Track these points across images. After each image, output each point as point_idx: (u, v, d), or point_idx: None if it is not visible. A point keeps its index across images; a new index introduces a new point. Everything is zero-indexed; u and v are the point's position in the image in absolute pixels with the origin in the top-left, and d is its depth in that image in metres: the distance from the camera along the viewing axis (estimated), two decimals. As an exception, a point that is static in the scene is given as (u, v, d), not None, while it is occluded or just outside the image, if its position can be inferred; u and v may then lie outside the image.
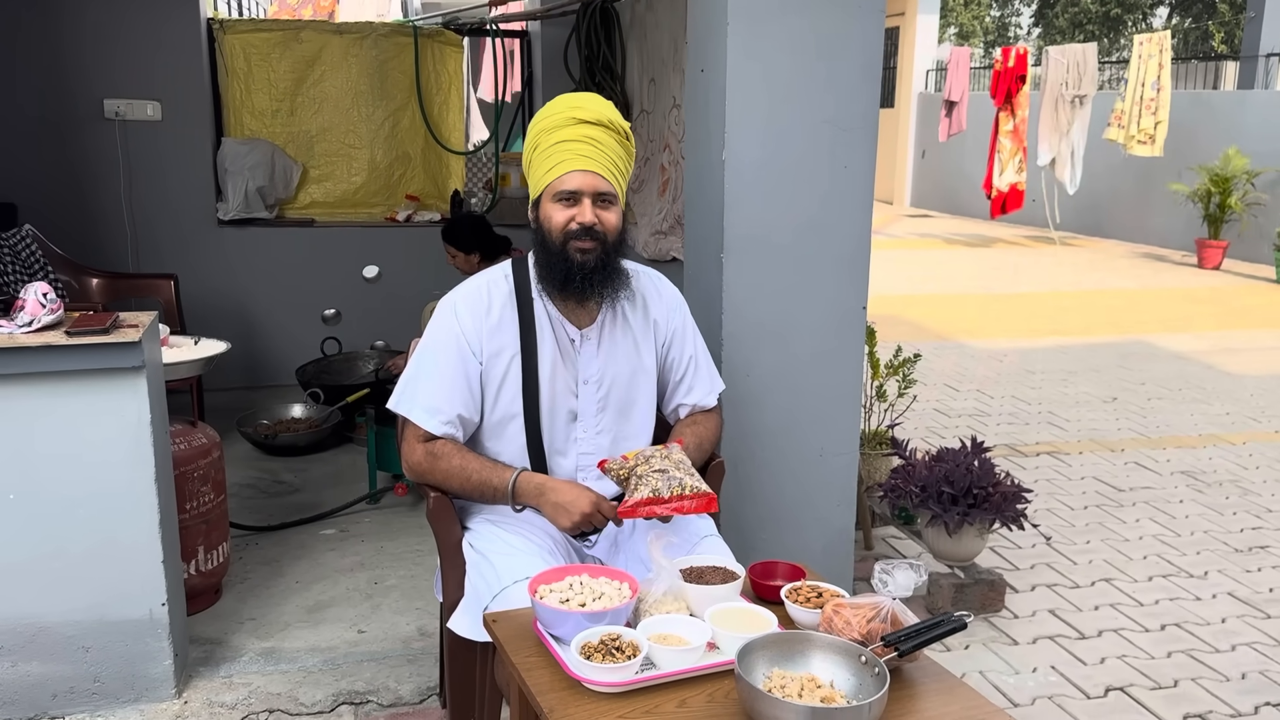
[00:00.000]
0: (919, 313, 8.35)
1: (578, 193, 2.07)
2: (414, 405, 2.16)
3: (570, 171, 2.06)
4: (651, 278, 2.31)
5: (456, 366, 2.14)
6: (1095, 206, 12.75)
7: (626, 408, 2.24)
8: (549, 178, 2.09)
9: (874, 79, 2.80)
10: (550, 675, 1.65)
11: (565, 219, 2.08)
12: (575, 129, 2.07)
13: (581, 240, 2.07)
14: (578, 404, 2.20)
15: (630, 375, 2.24)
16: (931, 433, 5.21)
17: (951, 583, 3.25)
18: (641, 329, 2.25)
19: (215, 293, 5.36)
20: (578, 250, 2.08)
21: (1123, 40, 21.55)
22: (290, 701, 2.70)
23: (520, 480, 2.10)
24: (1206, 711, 2.80)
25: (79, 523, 2.53)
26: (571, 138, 2.06)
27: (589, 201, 2.08)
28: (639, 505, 1.94)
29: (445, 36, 5.86)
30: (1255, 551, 3.87)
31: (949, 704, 1.61)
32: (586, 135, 2.06)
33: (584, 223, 2.07)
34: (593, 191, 2.08)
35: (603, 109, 2.09)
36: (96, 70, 5.12)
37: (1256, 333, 7.82)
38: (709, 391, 2.35)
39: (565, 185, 2.07)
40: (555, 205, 2.09)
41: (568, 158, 2.06)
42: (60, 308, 2.51)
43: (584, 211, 2.07)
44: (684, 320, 2.33)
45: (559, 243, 2.08)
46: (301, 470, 4.45)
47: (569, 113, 2.07)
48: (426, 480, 2.18)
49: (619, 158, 2.11)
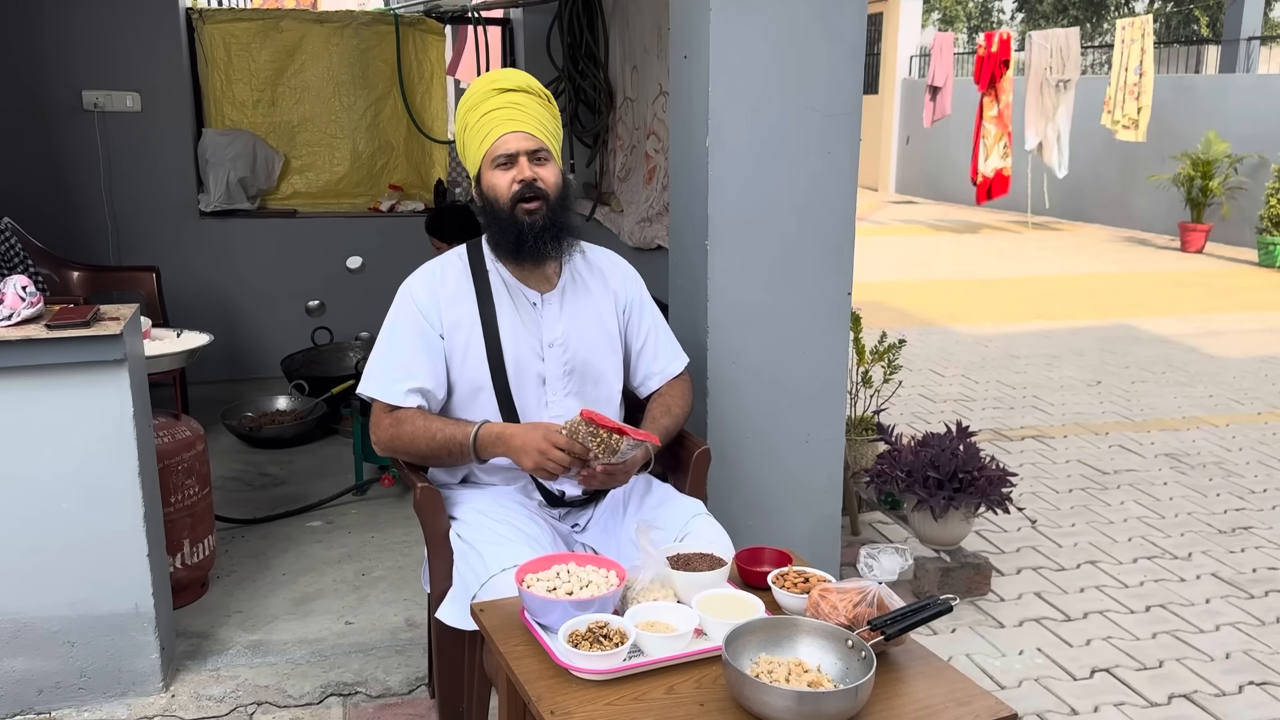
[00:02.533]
0: (904, 299, 8.37)
1: (514, 154, 2.15)
2: (376, 383, 2.21)
3: (501, 135, 2.15)
4: (605, 254, 2.39)
5: (415, 340, 2.19)
6: (1079, 191, 12.79)
7: (594, 373, 2.28)
8: (483, 148, 2.17)
9: (857, 64, 2.79)
10: (538, 663, 1.65)
11: (507, 181, 2.15)
12: (498, 98, 2.16)
13: (527, 201, 2.15)
14: (544, 367, 2.24)
15: (595, 339, 2.28)
16: (917, 418, 5.23)
17: (938, 567, 3.27)
18: (601, 294, 2.32)
19: (198, 285, 5.32)
20: (525, 212, 2.15)
21: (1106, 24, 21.59)
22: (278, 694, 2.70)
23: (481, 432, 2.14)
24: (1191, 691, 2.82)
25: (62, 517, 2.51)
26: (496, 106, 2.15)
27: (525, 160, 2.16)
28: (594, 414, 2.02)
29: (427, 25, 5.82)
30: (1238, 532, 3.90)
31: (935, 687, 1.62)
32: (510, 101, 2.16)
33: (524, 179, 2.14)
34: (527, 150, 2.15)
35: (519, 77, 2.20)
36: (75, 61, 5.06)
37: (1239, 315, 7.87)
38: (672, 359, 2.41)
39: (500, 149, 2.15)
40: (495, 172, 2.17)
41: (496, 124, 2.15)
42: (40, 301, 2.49)
43: (522, 169, 2.15)
44: (641, 292, 2.40)
45: (507, 208, 2.16)
46: (287, 462, 4.43)
47: (488, 85, 2.18)
48: (395, 450, 2.22)
49: (544, 119, 2.19)
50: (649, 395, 2.41)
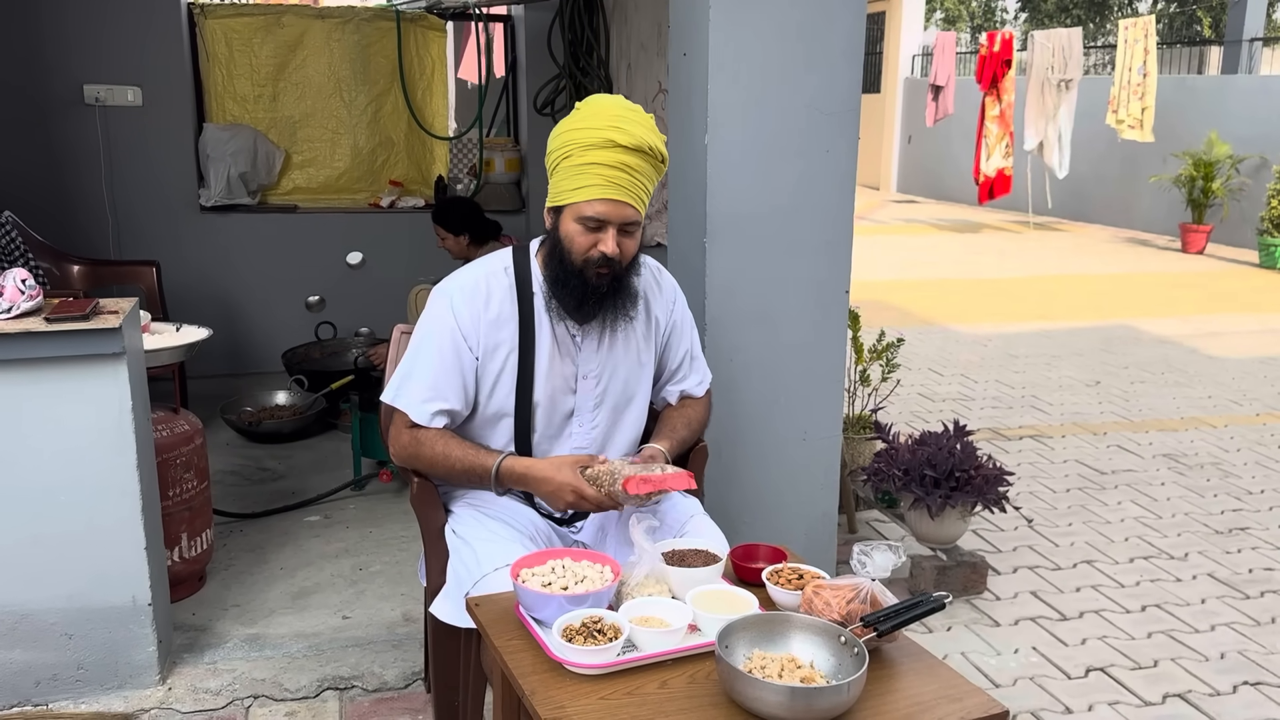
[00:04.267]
0: (904, 298, 8.37)
1: (604, 221, 2.00)
2: (405, 397, 2.12)
3: (600, 198, 1.99)
4: (651, 269, 2.27)
5: (451, 360, 2.10)
6: (1080, 191, 12.79)
7: (623, 404, 2.23)
8: (576, 197, 2.01)
9: (856, 62, 2.80)
10: (532, 658, 1.66)
11: (587, 244, 2.02)
12: (612, 153, 1.97)
13: (601, 268, 2.03)
14: (575, 399, 2.18)
15: (629, 371, 2.22)
16: (915, 417, 5.23)
17: (934, 565, 3.28)
18: (643, 327, 2.23)
19: (198, 279, 5.33)
20: (595, 275, 2.04)
21: (1109, 25, 21.57)
22: (275, 687, 2.71)
23: (504, 467, 2.07)
24: (1186, 691, 2.83)
25: (60, 510, 2.52)
26: (607, 162, 1.97)
27: (614, 231, 2.01)
28: (635, 481, 1.95)
29: (428, 21, 5.82)
30: (1235, 533, 3.90)
31: (928, 683, 1.63)
32: (623, 162, 1.97)
33: (606, 253, 2.01)
34: (620, 221, 2.01)
35: (643, 134, 1.99)
36: (76, 55, 5.07)
37: (1239, 316, 7.87)
38: (699, 384, 2.36)
39: (592, 211, 2.00)
40: (577, 226, 2.02)
41: (599, 184, 1.98)
42: (39, 294, 2.50)
43: (608, 241, 2.01)
44: (682, 314, 2.32)
45: (577, 265, 2.04)
46: (286, 457, 4.44)
47: (608, 133, 1.97)
48: (411, 465, 2.17)
49: (650, 180, 2.03)
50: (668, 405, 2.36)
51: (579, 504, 2.00)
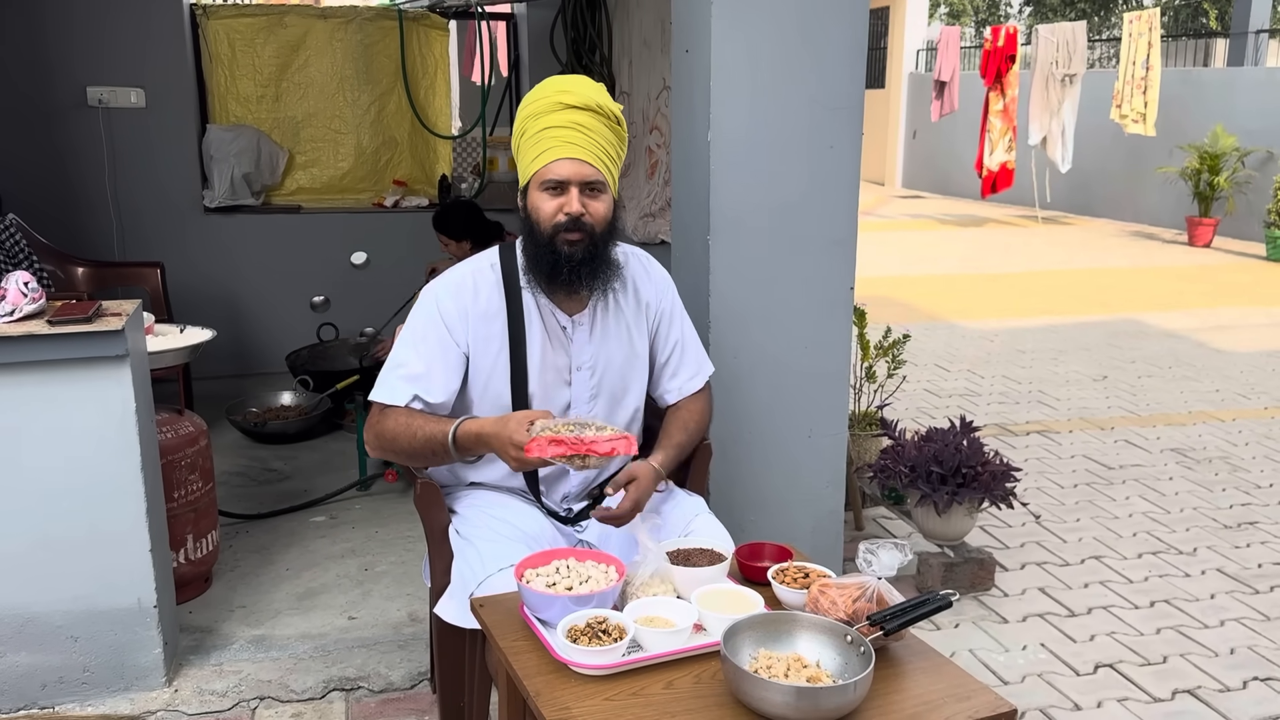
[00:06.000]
0: (910, 293, 8.35)
1: (565, 182, 2.02)
2: (383, 387, 2.11)
3: (557, 160, 2.01)
4: (640, 259, 2.28)
5: (435, 352, 2.09)
6: (1086, 185, 12.75)
7: (619, 394, 2.23)
8: (535, 165, 2.03)
9: (859, 58, 2.78)
10: (537, 659, 1.65)
11: (553, 209, 2.03)
12: (562, 114, 2.00)
13: (570, 232, 2.02)
14: (570, 392, 2.17)
15: (624, 361, 2.21)
16: (922, 413, 5.22)
17: (941, 562, 3.26)
18: (634, 314, 2.23)
19: (202, 280, 5.33)
20: (565, 242, 2.03)
21: (1113, 18, 21.49)
22: (281, 688, 2.70)
23: (460, 431, 2.00)
24: (1195, 687, 2.81)
25: (65, 512, 2.51)
26: (559, 124, 2.00)
27: (576, 190, 2.02)
28: (541, 443, 1.82)
29: (431, 20, 5.82)
30: (1244, 528, 3.88)
31: (935, 682, 1.62)
32: (574, 121, 2.00)
33: (571, 213, 2.01)
34: (580, 180, 2.02)
35: (591, 92, 2.02)
36: (79, 57, 5.07)
37: (1246, 310, 7.83)
38: (694, 374, 2.33)
39: (552, 174, 2.02)
40: (542, 194, 2.04)
41: (554, 145, 2.00)
42: (42, 296, 2.50)
43: (571, 201, 2.02)
44: (673, 302, 2.31)
45: (547, 234, 2.04)
46: (291, 458, 4.44)
47: (556, 97, 2.01)
48: (381, 449, 2.12)
49: (609, 144, 2.05)
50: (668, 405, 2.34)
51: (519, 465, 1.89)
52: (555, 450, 1.80)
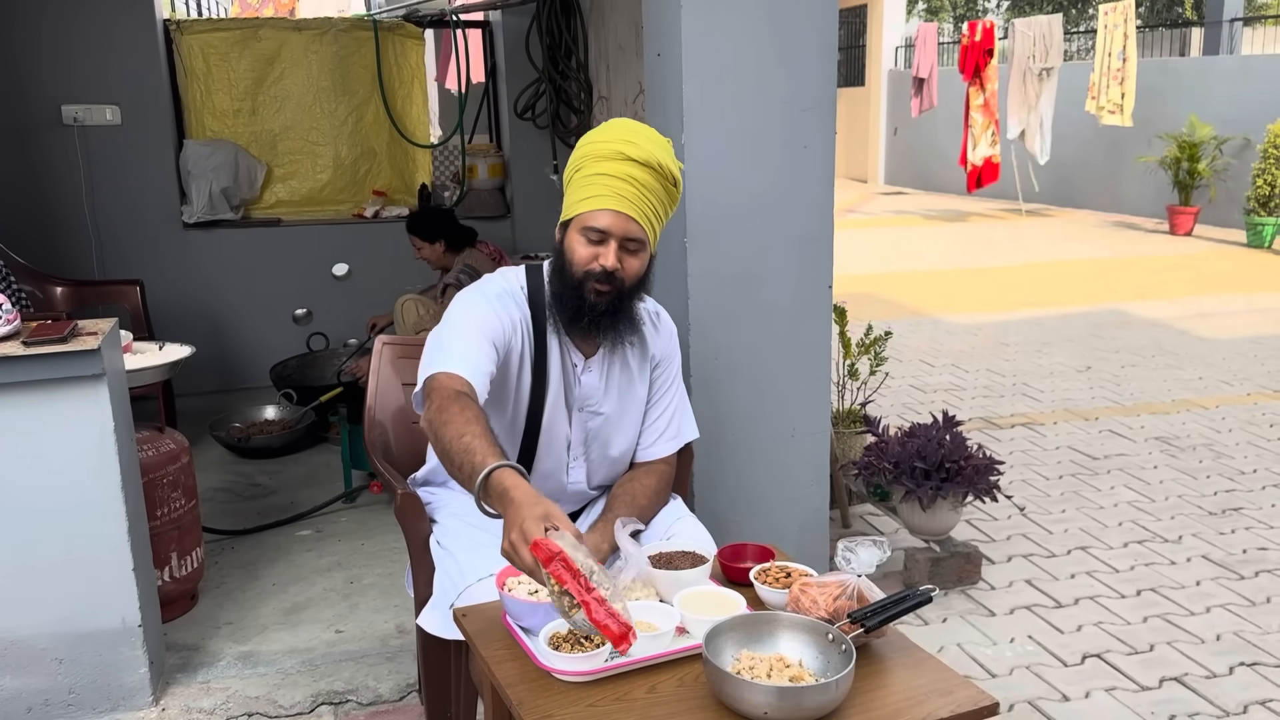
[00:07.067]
0: (894, 290, 8.37)
1: (606, 233, 1.97)
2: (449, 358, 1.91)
3: (604, 209, 1.96)
4: (650, 311, 2.22)
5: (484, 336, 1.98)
6: (1066, 177, 12.80)
7: (610, 440, 2.19)
8: (581, 207, 1.98)
9: (830, 57, 2.79)
10: (520, 667, 1.64)
11: (588, 256, 1.98)
12: (620, 164, 1.95)
13: (600, 283, 1.98)
14: (570, 431, 2.15)
15: (622, 412, 2.18)
16: (908, 409, 5.23)
17: (927, 557, 3.27)
18: (639, 365, 2.19)
19: (183, 297, 5.31)
20: (593, 290, 1.99)
21: (1090, 10, 21.60)
22: (269, 704, 2.69)
23: (496, 475, 1.68)
24: (1183, 674, 2.82)
25: (46, 534, 2.50)
26: (614, 173, 1.95)
27: (615, 244, 1.97)
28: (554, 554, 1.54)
29: (406, 29, 5.81)
30: (1228, 514, 3.90)
31: (917, 678, 1.62)
32: (630, 174, 1.94)
33: (606, 266, 1.97)
34: (622, 235, 1.97)
35: (654, 149, 1.96)
36: (52, 76, 5.05)
37: (1228, 297, 7.88)
38: (673, 437, 2.25)
39: (596, 222, 1.97)
40: (581, 238, 1.99)
41: (604, 194, 1.95)
42: (17, 318, 2.48)
43: (608, 254, 1.97)
44: (675, 360, 2.26)
45: (577, 278, 1.99)
46: (276, 472, 4.42)
47: (619, 145, 1.95)
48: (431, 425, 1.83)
49: (659, 201, 1.99)
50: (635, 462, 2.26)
51: (513, 556, 1.60)
52: (556, 571, 1.52)
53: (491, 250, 4.62)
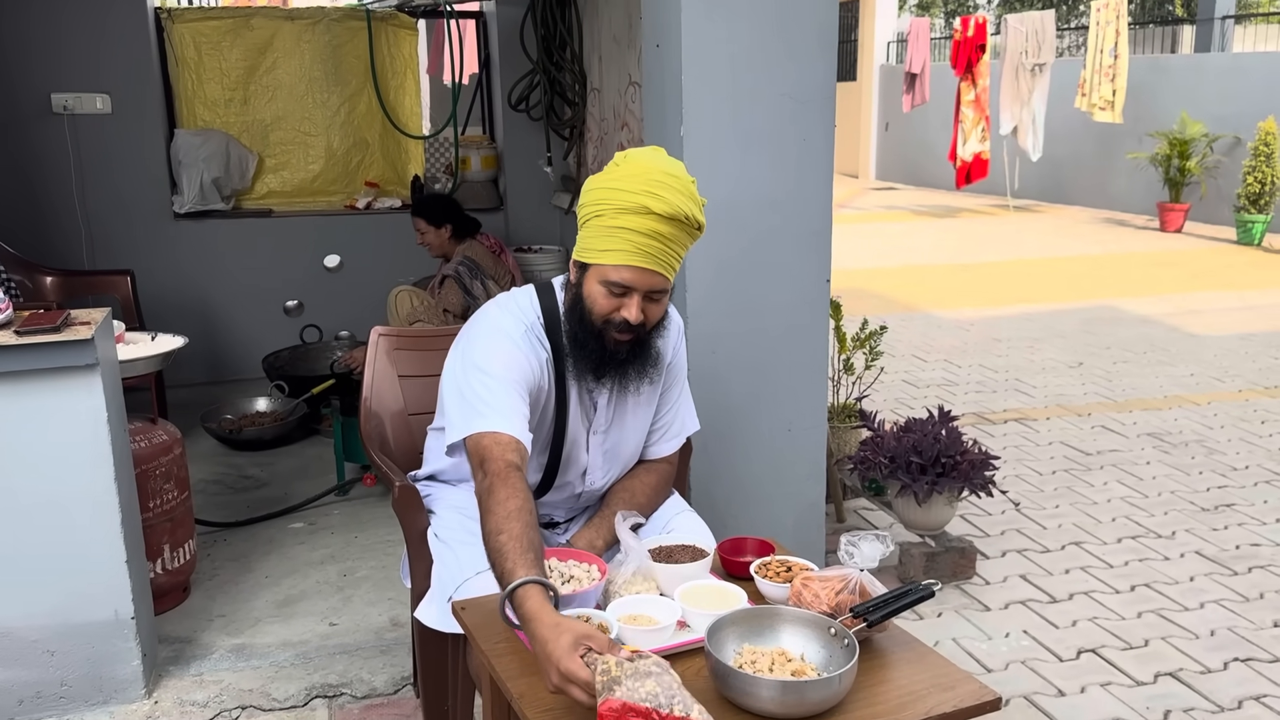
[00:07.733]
0: (886, 285, 8.37)
1: (630, 288, 1.88)
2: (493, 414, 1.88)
3: (628, 264, 1.86)
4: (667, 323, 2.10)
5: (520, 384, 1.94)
6: (1057, 173, 12.83)
7: (623, 449, 2.17)
8: (603, 259, 1.88)
9: (830, 50, 2.78)
10: (519, 661, 1.63)
11: (609, 307, 1.91)
12: (645, 220, 1.83)
13: (622, 333, 1.92)
14: (587, 457, 2.13)
15: (637, 431, 2.16)
16: (900, 404, 5.23)
17: (922, 552, 3.27)
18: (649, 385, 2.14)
19: (174, 287, 5.27)
20: (614, 340, 1.93)
21: (1081, 6, 21.63)
22: (262, 697, 2.68)
23: (520, 592, 1.58)
24: (1177, 669, 2.83)
25: (38, 525, 2.48)
26: (638, 229, 1.83)
27: (639, 299, 1.89)
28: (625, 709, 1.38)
29: (399, 19, 5.78)
30: (1221, 510, 3.91)
31: (919, 672, 1.61)
32: (655, 231, 1.84)
33: (629, 319, 1.90)
34: (646, 289, 1.89)
35: (681, 203, 1.84)
36: (42, 64, 5.00)
37: (1219, 294, 7.90)
38: (675, 436, 2.24)
39: (618, 277, 1.87)
40: (601, 289, 1.90)
41: (627, 249, 1.85)
42: (9, 307, 2.46)
43: (631, 308, 1.89)
44: (681, 358, 2.22)
45: (597, 326, 1.93)
46: (268, 464, 4.40)
47: (643, 199, 1.82)
48: (486, 500, 1.78)
49: (683, 248, 1.91)
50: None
51: (563, 686, 1.46)
52: None
53: (492, 243, 4.60)
